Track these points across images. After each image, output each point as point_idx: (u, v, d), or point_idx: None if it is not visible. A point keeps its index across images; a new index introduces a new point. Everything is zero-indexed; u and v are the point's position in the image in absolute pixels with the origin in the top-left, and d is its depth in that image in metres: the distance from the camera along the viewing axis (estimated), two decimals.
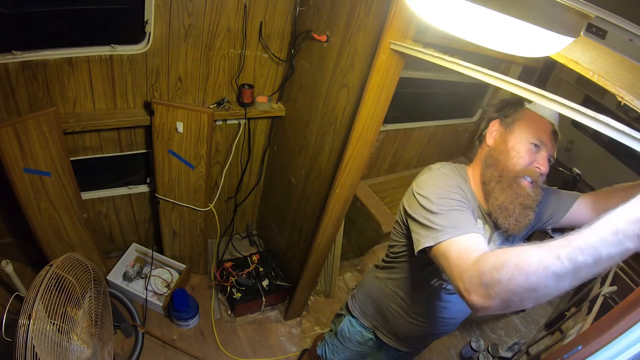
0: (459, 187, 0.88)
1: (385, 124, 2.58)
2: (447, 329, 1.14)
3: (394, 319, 1.15)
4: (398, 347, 1.24)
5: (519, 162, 0.89)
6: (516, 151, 0.90)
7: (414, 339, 1.17)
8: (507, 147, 0.91)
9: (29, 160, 1.54)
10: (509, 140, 0.92)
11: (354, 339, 1.32)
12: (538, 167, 0.89)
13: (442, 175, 0.92)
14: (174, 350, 1.98)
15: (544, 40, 0.60)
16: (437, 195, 0.84)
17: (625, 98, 0.67)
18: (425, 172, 0.96)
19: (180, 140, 1.82)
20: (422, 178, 0.94)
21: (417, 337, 1.16)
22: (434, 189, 0.86)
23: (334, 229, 1.81)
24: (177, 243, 2.26)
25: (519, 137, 0.90)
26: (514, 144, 0.91)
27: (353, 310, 1.31)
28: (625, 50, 0.66)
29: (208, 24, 1.67)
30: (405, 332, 1.16)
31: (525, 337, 2.59)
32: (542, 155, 0.90)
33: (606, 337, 0.57)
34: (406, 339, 1.19)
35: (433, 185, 0.88)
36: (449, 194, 0.84)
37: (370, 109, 1.38)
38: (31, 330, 0.96)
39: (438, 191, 0.85)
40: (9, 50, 1.39)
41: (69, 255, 1.19)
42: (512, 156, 0.90)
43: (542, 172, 0.89)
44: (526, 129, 0.90)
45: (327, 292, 2.51)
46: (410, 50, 1.16)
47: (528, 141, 0.90)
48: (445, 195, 0.84)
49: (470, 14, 0.59)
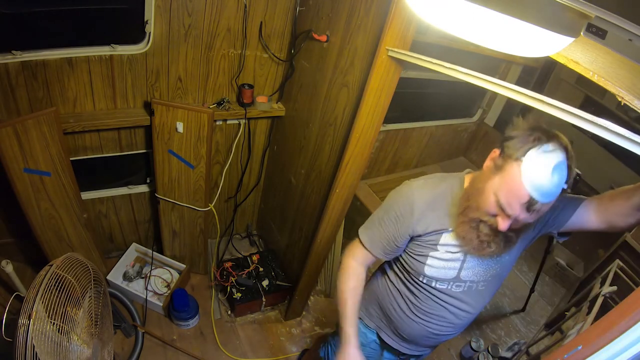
0: (401, 213, 1.02)
1: (385, 124, 2.58)
2: (452, 331, 1.14)
3: (398, 318, 1.16)
4: (401, 350, 1.24)
5: (483, 207, 0.88)
6: (485, 197, 0.87)
7: (417, 339, 1.18)
8: (484, 187, 0.88)
9: (29, 160, 1.54)
10: (487, 182, 0.87)
11: (358, 340, 1.31)
12: (497, 223, 0.87)
13: (399, 196, 1.05)
14: (174, 350, 1.98)
15: (544, 40, 0.60)
16: (381, 210, 1.09)
17: (625, 98, 0.67)
18: (396, 188, 1.09)
19: (180, 140, 1.82)
20: (391, 193, 1.09)
21: (421, 337, 1.16)
22: (385, 204, 1.09)
23: (334, 229, 1.81)
24: (177, 243, 2.26)
25: (494, 188, 0.85)
26: (488, 191, 0.86)
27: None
28: (625, 50, 0.66)
29: (208, 24, 1.67)
30: (408, 331, 1.16)
31: (525, 337, 2.60)
32: (504, 217, 0.85)
33: (606, 337, 0.57)
34: (410, 339, 1.19)
35: (387, 201, 1.09)
36: (386, 215, 1.06)
37: (370, 109, 1.38)
38: (31, 330, 0.96)
39: (383, 208, 1.09)
40: (9, 50, 1.39)
41: (69, 255, 1.19)
42: (481, 199, 0.88)
43: (499, 228, 0.86)
44: (502, 185, 0.83)
45: (327, 292, 2.51)
46: (407, 57, 1.16)
47: (494, 199, 0.85)
48: (385, 213, 1.06)
49: (470, 14, 0.59)
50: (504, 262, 1.04)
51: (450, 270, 1.02)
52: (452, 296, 1.05)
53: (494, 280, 1.06)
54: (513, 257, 1.05)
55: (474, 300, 1.07)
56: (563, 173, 0.78)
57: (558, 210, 0.99)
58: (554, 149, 0.78)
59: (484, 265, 1.02)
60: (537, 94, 0.76)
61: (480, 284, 1.05)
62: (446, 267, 1.02)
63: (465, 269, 1.02)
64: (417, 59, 1.11)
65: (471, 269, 1.02)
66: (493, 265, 1.03)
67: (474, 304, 1.08)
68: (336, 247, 2.24)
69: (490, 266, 1.03)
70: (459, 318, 1.09)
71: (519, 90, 0.80)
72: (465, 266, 1.01)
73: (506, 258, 1.03)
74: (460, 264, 1.01)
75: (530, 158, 0.78)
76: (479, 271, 1.03)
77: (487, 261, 1.02)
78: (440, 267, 1.02)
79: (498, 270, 1.05)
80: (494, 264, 1.03)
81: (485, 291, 1.07)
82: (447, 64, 0.98)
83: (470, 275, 1.03)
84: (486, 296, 1.09)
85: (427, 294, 1.07)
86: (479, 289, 1.06)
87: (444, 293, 1.05)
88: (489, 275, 1.04)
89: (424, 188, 1.03)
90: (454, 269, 1.02)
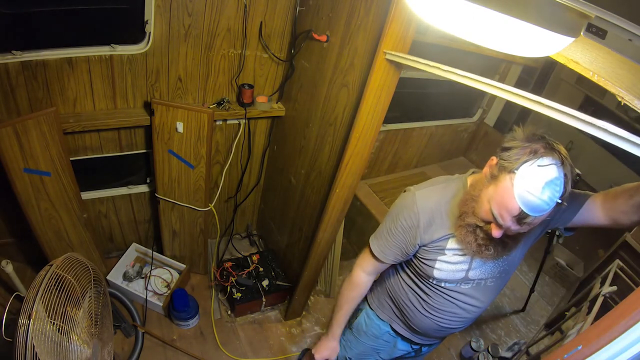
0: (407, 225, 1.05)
1: (385, 124, 2.58)
2: (461, 325, 1.18)
3: (411, 313, 1.19)
4: (413, 340, 1.28)
5: (478, 214, 0.90)
6: (480, 205, 0.89)
7: (429, 332, 1.22)
8: (479, 194, 0.90)
9: (29, 160, 1.54)
10: (483, 190, 0.89)
11: (370, 333, 1.35)
12: (490, 230, 0.88)
13: (404, 207, 1.06)
14: (174, 350, 1.98)
15: (544, 40, 0.59)
16: (388, 220, 1.11)
17: (625, 98, 0.67)
18: (401, 196, 1.11)
19: (180, 140, 1.82)
20: (396, 201, 1.12)
21: (432, 331, 1.20)
22: (391, 213, 1.11)
23: (334, 229, 1.81)
24: (177, 243, 2.26)
25: (488, 197, 0.87)
26: (483, 199, 0.88)
27: (371, 303, 1.35)
28: (625, 50, 0.66)
29: (208, 24, 1.67)
30: (420, 325, 1.20)
31: (525, 337, 2.60)
32: (497, 226, 0.87)
33: (606, 337, 0.57)
34: (422, 332, 1.23)
35: (393, 210, 1.11)
36: (393, 226, 1.08)
37: (370, 109, 1.38)
38: (31, 330, 0.96)
39: (390, 218, 1.11)
40: (9, 50, 1.39)
41: (69, 255, 1.19)
42: (477, 206, 0.90)
43: (493, 235, 0.88)
44: (495, 196, 0.85)
45: (327, 292, 2.51)
46: (404, 60, 1.17)
47: (488, 208, 0.87)
48: (392, 224, 1.09)
49: (470, 14, 0.59)
50: (510, 259, 1.06)
51: (459, 272, 1.04)
52: (462, 293, 1.08)
53: (502, 276, 1.09)
54: (520, 254, 1.07)
55: (483, 295, 1.10)
56: (556, 189, 0.77)
57: (564, 207, 0.98)
58: (549, 164, 0.77)
59: (490, 264, 1.04)
60: (534, 96, 0.75)
61: (489, 281, 1.08)
62: (454, 269, 1.04)
63: (473, 269, 1.04)
64: (414, 62, 1.11)
65: (479, 269, 1.05)
66: (500, 263, 1.05)
67: (483, 299, 1.11)
68: (336, 247, 2.24)
69: (498, 264, 1.05)
70: (469, 312, 1.13)
71: (516, 93, 0.79)
72: (473, 266, 1.04)
73: (512, 255, 1.04)
74: (468, 265, 1.03)
75: (523, 172, 0.78)
76: (486, 270, 1.05)
77: (493, 261, 1.03)
78: (449, 270, 1.04)
79: (506, 267, 1.07)
80: (501, 262, 1.05)
81: (494, 287, 1.10)
82: (444, 67, 0.98)
83: (479, 274, 1.05)
84: (495, 291, 1.12)
85: (437, 292, 1.10)
86: (487, 285, 1.09)
87: (453, 291, 1.08)
88: (496, 272, 1.07)
89: (427, 196, 1.04)
90: (462, 270, 1.04)
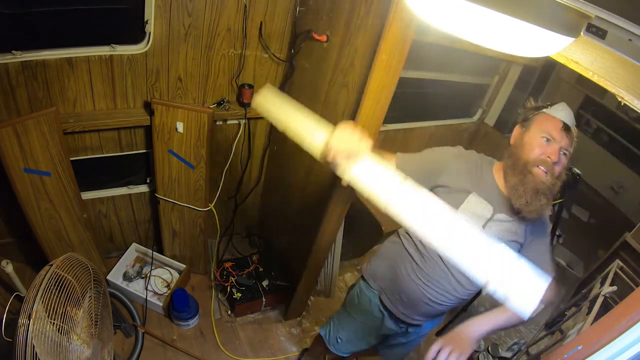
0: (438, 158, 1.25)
1: (385, 124, 2.58)
2: (444, 304, 1.22)
3: (402, 277, 1.25)
4: (399, 317, 1.33)
5: (531, 152, 1.08)
6: (529, 144, 1.09)
7: (414, 302, 1.26)
8: (522, 143, 1.11)
9: (29, 160, 1.54)
10: (524, 137, 1.11)
11: (362, 306, 1.41)
12: (549, 156, 1.05)
13: (438, 149, 1.29)
14: (174, 350, 1.98)
15: (544, 40, 0.60)
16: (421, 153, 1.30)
17: (625, 98, 0.67)
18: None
19: (180, 140, 1.82)
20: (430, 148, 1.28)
21: (418, 302, 1.24)
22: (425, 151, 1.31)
23: (334, 229, 1.81)
24: (177, 243, 2.26)
25: (532, 134, 1.10)
26: (528, 140, 1.10)
27: (365, 272, 1.42)
28: (625, 50, 0.66)
29: (208, 24, 1.66)
30: (408, 293, 1.25)
31: (525, 337, 2.59)
32: (553, 147, 1.06)
33: (606, 337, 0.57)
34: (408, 302, 1.27)
35: (425, 150, 1.30)
36: (431, 153, 1.28)
37: (370, 109, 1.38)
38: (31, 330, 0.96)
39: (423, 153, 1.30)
40: (9, 50, 1.39)
41: (69, 255, 1.19)
42: (525, 149, 1.09)
43: (553, 160, 1.05)
44: (538, 126, 1.09)
45: (327, 292, 2.51)
46: None
47: (540, 136, 1.08)
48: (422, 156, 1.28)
49: (470, 14, 0.59)
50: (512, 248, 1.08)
51: None
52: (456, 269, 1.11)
53: None
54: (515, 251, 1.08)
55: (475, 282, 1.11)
56: (571, 114, 1.11)
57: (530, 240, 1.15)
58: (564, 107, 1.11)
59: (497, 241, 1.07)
60: None
61: None
62: None
63: None
64: None
65: None
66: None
67: (473, 286, 1.16)
68: (336, 247, 2.24)
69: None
70: (456, 292, 1.19)
71: None
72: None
73: (514, 245, 1.12)
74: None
75: (551, 106, 1.12)
76: None
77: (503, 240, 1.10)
78: None
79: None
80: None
81: None
82: None
83: None
84: None
85: (434, 261, 1.17)
86: None
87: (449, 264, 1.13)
88: None
89: (460, 153, 1.26)
90: None
